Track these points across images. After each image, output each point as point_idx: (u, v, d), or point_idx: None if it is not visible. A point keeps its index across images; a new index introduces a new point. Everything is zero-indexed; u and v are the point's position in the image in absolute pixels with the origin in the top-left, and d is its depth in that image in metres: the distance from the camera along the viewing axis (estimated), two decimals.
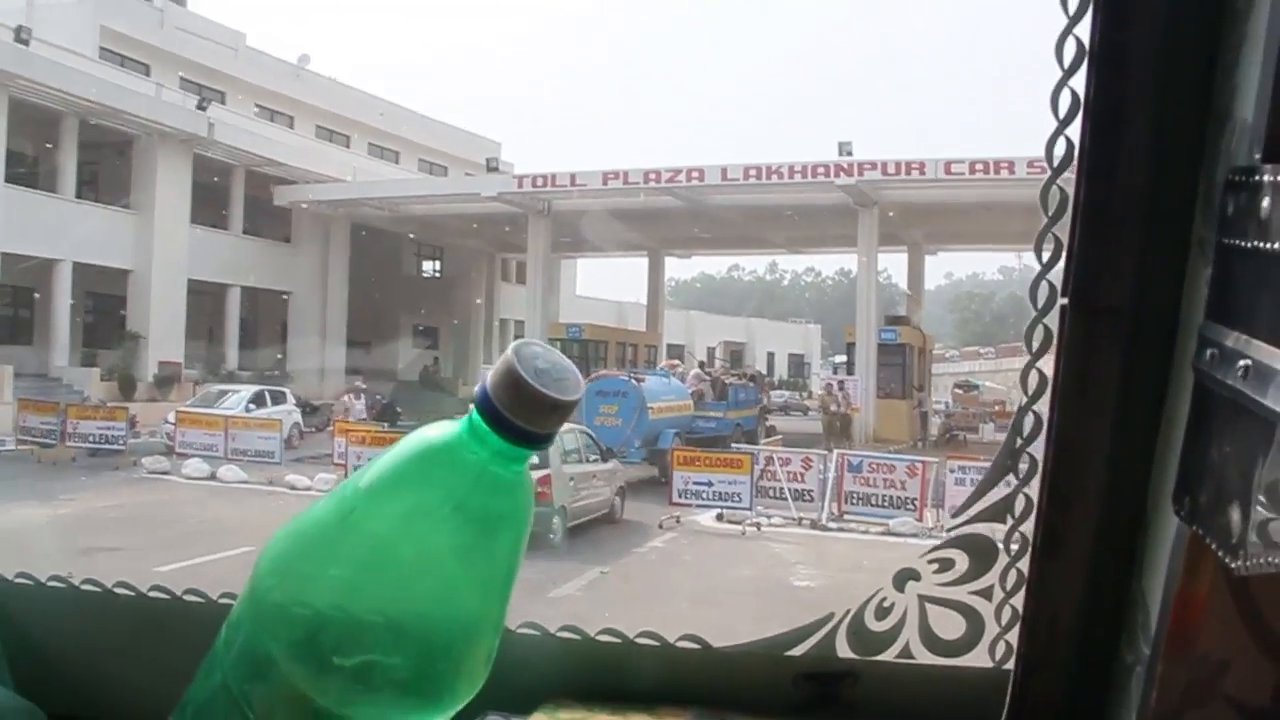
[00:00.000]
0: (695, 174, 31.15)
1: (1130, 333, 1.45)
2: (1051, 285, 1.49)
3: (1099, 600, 1.54)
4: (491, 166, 37.44)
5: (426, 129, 40.55)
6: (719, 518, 18.54)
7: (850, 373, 32.33)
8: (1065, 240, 1.46)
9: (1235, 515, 1.22)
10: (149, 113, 30.36)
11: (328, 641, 1.26)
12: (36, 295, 30.09)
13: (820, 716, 1.58)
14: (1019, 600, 1.56)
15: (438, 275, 37.23)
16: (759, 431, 29.92)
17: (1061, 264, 1.47)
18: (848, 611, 1.59)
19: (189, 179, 31.94)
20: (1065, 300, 1.47)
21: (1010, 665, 1.59)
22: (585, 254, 39.78)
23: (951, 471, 18.55)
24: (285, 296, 34.41)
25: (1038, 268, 1.51)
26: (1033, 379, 1.48)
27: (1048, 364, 1.51)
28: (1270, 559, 1.12)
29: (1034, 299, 1.49)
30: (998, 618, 1.58)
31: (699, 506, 18.59)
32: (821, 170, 30.94)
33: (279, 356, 33.13)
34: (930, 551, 1.59)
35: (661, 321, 37.50)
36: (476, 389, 1.35)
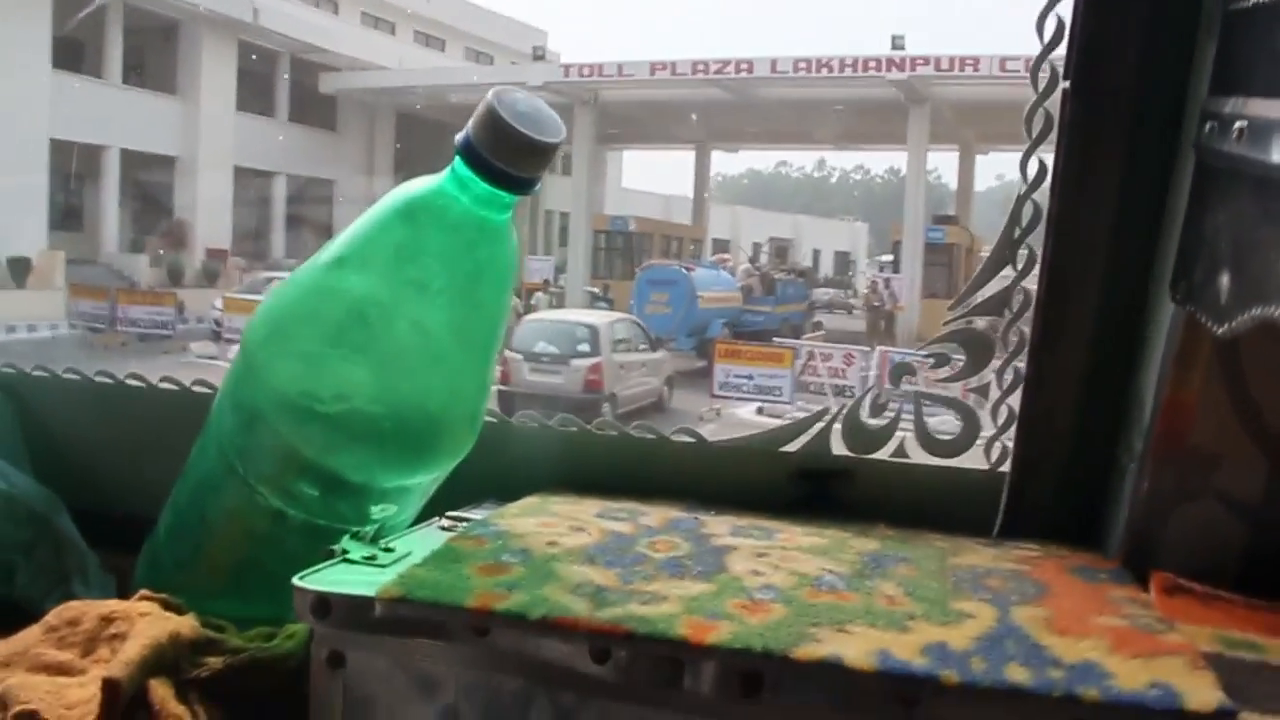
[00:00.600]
0: (744, 66, 30.68)
1: (1134, 115, 1.42)
2: (1054, 68, 1.45)
3: (1097, 398, 1.53)
4: (538, 55, 36.99)
5: (472, 17, 40.06)
6: (759, 411, 18.58)
7: (896, 271, 32.15)
8: (1068, 21, 1.42)
9: (1224, 281, 1.20)
10: None
11: (311, 390, 1.28)
12: (86, 181, 30.28)
13: (815, 513, 1.58)
14: (1016, 400, 1.55)
15: None
16: (805, 327, 29.94)
17: (1064, 46, 1.44)
18: (843, 408, 1.58)
19: (234, 65, 31.86)
20: (1067, 83, 1.43)
21: (1006, 468, 1.59)
22: (632, 146, 39.49)
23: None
24: (331, 185, 34.44)
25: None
26: (1032, 166, 1.46)
27: (1048, 154, 1.48)
28: (1251, 313, 1.11)
29: (1035, 82, 1.45)
30: (994, 417, 1.57)
31: (739, 399, 18.65)
32: (873, 64, 30.44)
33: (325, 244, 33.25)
34: (926, 346, 1.58)
35: (707, 216, 37.28)
36: (458, 137, 1.35)
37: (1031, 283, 1.53)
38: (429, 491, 1.48)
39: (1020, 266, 1.54)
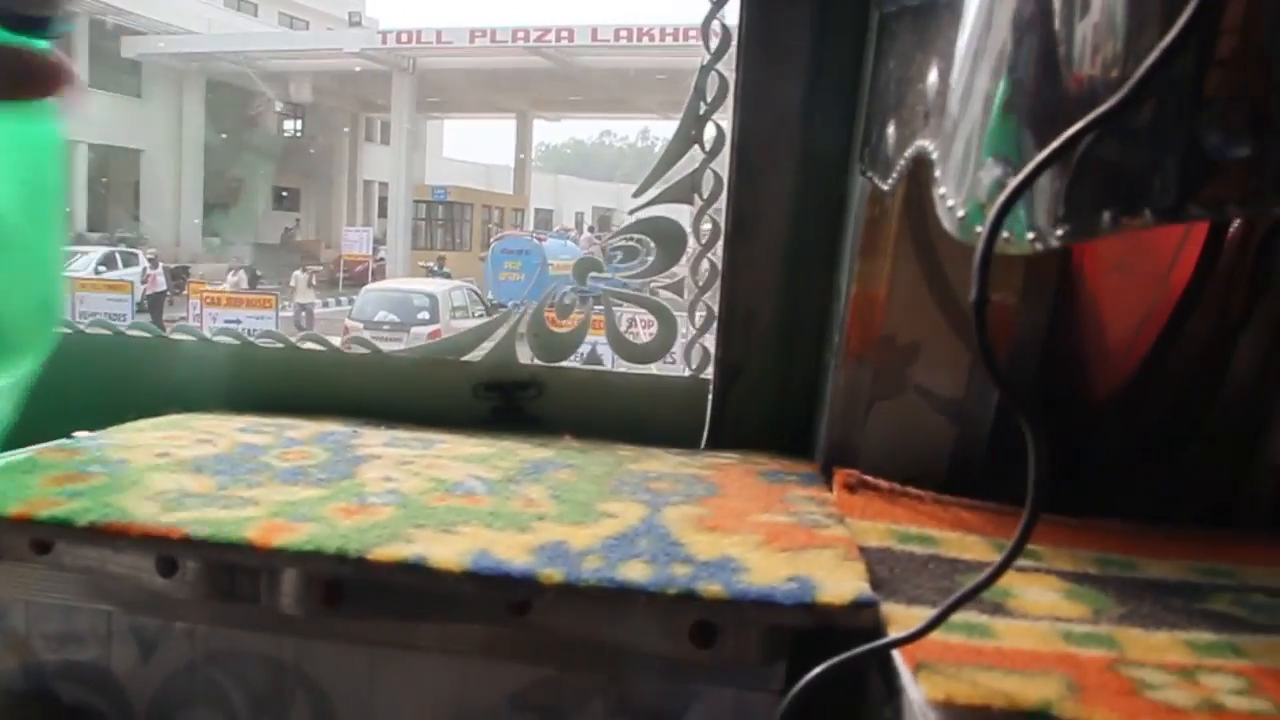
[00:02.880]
0: (565, 34, 30.38)
1: None
2: None
3: (799, 292, 1.40)
4: (354, 21, 35.95)
5: None
6: None
7: None
8: None
9: (890, 131, 1.07)
10: None
11: None
12: None
13: (507, 429, 1.42)
14: (714, 297, 1.41)
15: (299, 135, 35.92)
16: (644, 288, 30.17)
17: None
18: (525, 311, 1.42)
19: None
20: None
21: (709, 374, 1.45)
22: (452, 115, 38.87)
23: None
24: (137, 155, 32.94)
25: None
26: (714, 31, 1.31)
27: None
28: (906, 153, 0.99)
29: None
30: (691, 317, 1.43)
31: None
32: (693, 33, 30.48)
33: (132, 218, 31.86)
34: (611, 237, 1.43)
35: (529, 185, 36.92)
36: None
37: (722, 166, 1.40)
38: (13, 397, 1.27)
39: (709, 147, 1.40)
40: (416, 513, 0.99)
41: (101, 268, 25.62)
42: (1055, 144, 0.64)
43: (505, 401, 1.47)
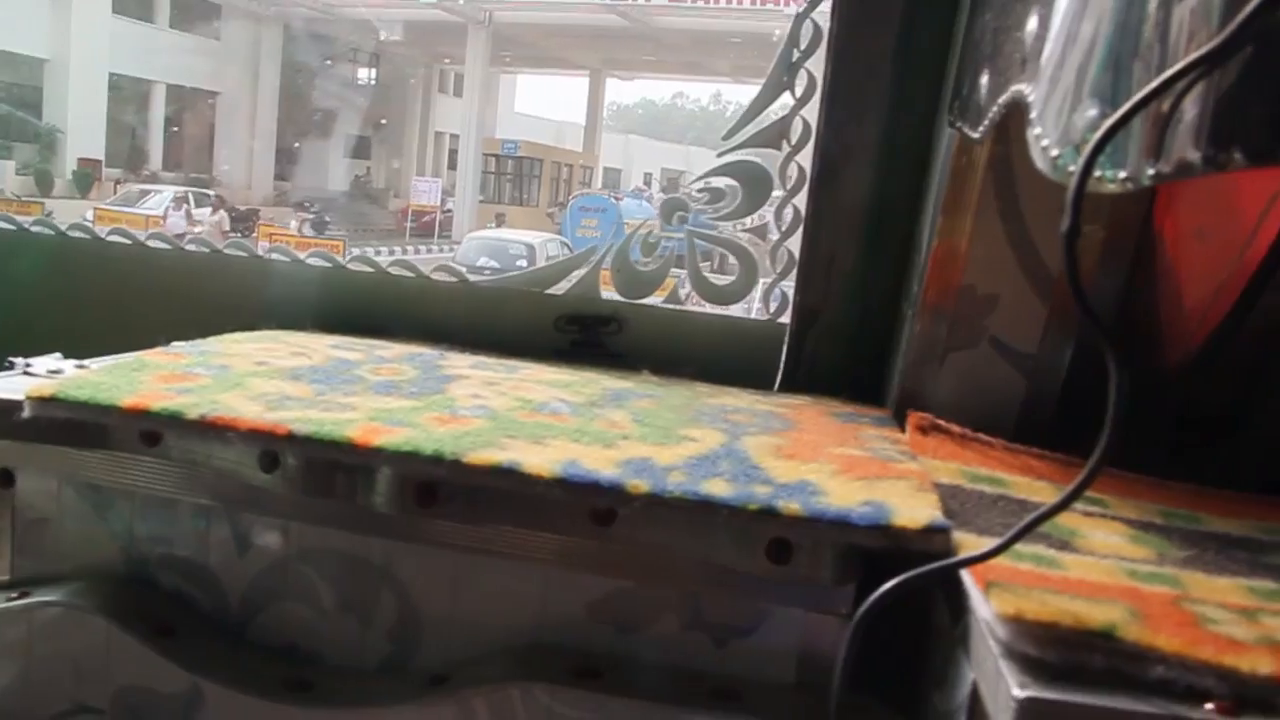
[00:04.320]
0: None
1: None
2: None
3: (881, 240, 1.43)
4: None
5: None
6: None
7: None
8: None
9: (984, 79, 1.10)
10: None
11: None
12: None
13: (585, 361, 1.46)
14: (796, 243, 1.44)
15: (372, 84, 36.11)
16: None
17: None
18: (610, 247, 1.45)
19: None
20: None
21: (786, 318, 1.48)
22: (525, 70, 38.84)
23: None
24: (213, 98, 33.28)
25: None
26: None
27: None
28: (1001, 100, 1.01)
29: None
30: (773, 262, 1.46)
31: None
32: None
33: (206, 159, 32.23)
34: (697, 180, 1.46)
35: (599, 144, 36.90)
36: None
37: (811, 113, 1.42)
38: None
39: (799, 94, 1.42)
40: (506, 426, 1.03)
41: (173, 207, 26.09)
42: (1152, 85, 0.67)
43: (585, 335, 1.51)
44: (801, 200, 1.44)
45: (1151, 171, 0.69)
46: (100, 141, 30.09)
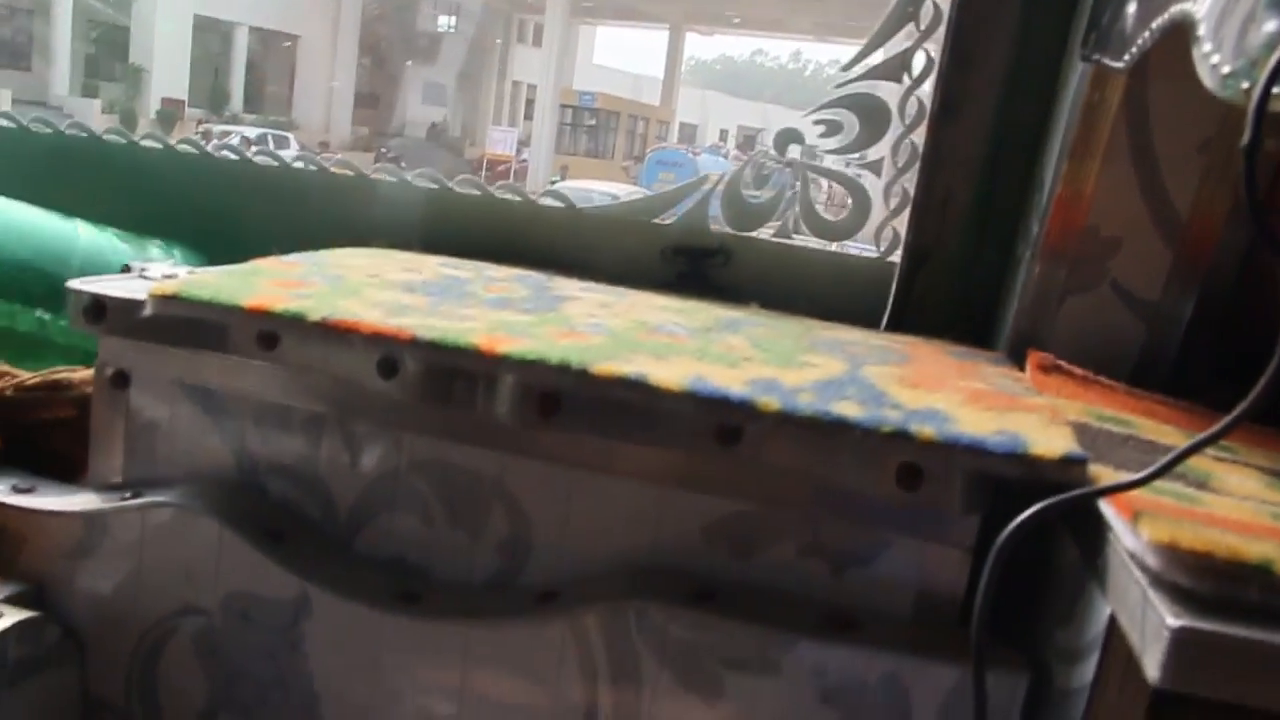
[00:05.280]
0: None
1: None
2: None
3: (1000, 180, 1.39)
4: None
5: None
6: None
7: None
8: None
9: (1131, 8, 1.06)
10: None
11: None
12: (35, 17, 29.22)
13: (693, 293, 1.45)
14: (911, 180, 1.41)
15: (452, 30, 36.13)
16: None
17: None
18: (721, 178, 1.43)
19: None
20: None
21: (897, 256, 1.45)
22: (605, 21, 38.65)
23: None
24: (293, 41, 33.50)
25: None
26: None
27: None
28: (1156, 22, 0.97)
29: None
30: (886, 199, 1.43)
31: None
32: None
33: (285, 101, 32.52)
34: (814, 111, 1.43)
35: (676, 98, 36.69)
36: None
37: (937, 46, 1.38)
38: None
39: (924, 26, 1.39)
40: (626, 343, 1.02)
41: (254, 148, 26.45)
42: None
43: (692, 267, 1.49)
44: (920, 136, 1.40)
45: None
46: (184, 82, 30.45)
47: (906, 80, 1.40)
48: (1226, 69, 0.77)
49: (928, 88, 1.41)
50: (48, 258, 1.49)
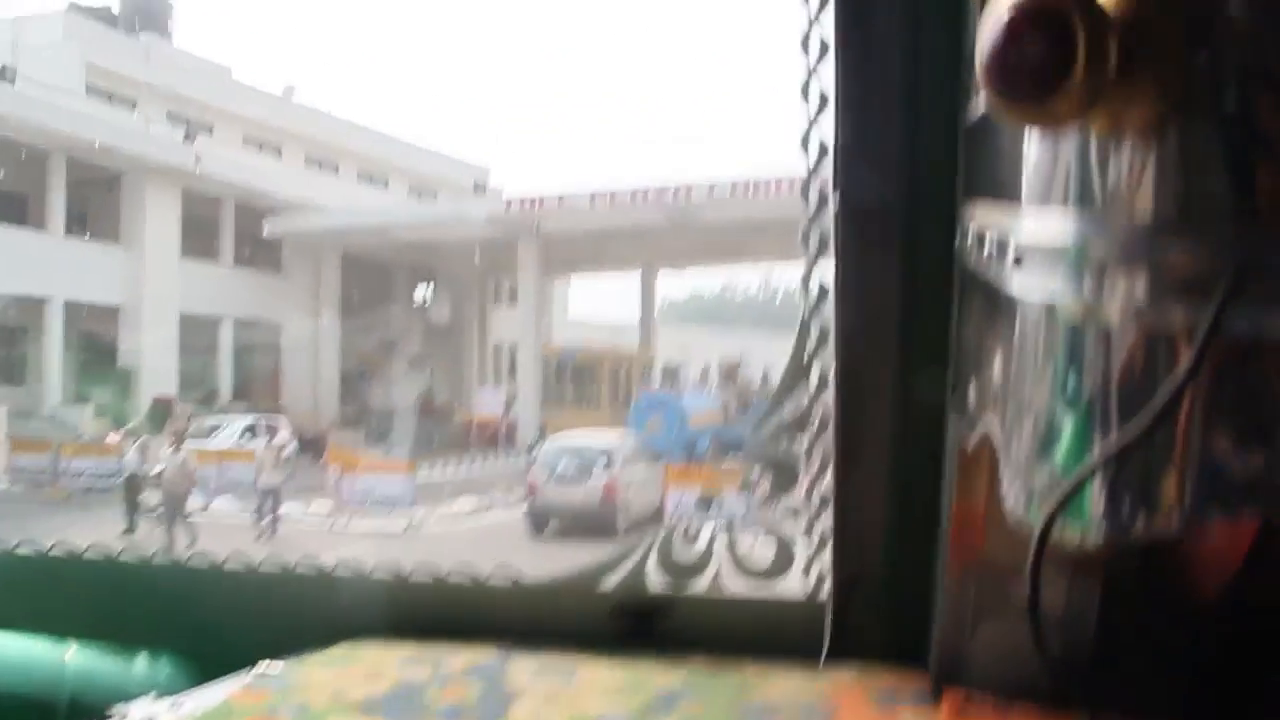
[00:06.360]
0: (683, 191, 31.07)
1: (904, 225, 1.43)
2: (823, 187, 1.46)
3: (908, 512, 1.51)
4: (479, 186, 37.38)
5: (414, 154, 40.49)
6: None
7: None
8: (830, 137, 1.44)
9: (971, 390, 1.20)
10: (137, 147, 30.37)
11: None
12: (28, 334, 30.06)
13: (636, 649, 1.54)
14: (828, 519, 1.53)
15: (426, 304, 37.19)
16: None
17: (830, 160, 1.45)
18: (653, 541, 1.55)
19: (178, 212, 31.95)
20: (838, 194, 1.44)
21: (825, 595, 1.56)
22: (578, 272, 39.72)
23: None
24: (277, 329, 34.32)
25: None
26: (814, 285, 1.45)
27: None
28: (978, 430, 1.10)
29: (805, 199, 1.47)
30: (808, 539, 1.54)
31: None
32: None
33: (272, 392, 33.10)
34: (730, 471, 1.56)
35: (655, 340, 37.39)
36: None
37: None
38: None
39: (815, 385, 1.53)
40: None
41: (246, 436, 26.81)
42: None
43: (638, 624, 1.59)
44: (828, 479, 1.53)
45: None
46: (173, 379, 31.03)
47: (809, 432, 1.53)
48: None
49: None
50: (37, 684, 1.57)
